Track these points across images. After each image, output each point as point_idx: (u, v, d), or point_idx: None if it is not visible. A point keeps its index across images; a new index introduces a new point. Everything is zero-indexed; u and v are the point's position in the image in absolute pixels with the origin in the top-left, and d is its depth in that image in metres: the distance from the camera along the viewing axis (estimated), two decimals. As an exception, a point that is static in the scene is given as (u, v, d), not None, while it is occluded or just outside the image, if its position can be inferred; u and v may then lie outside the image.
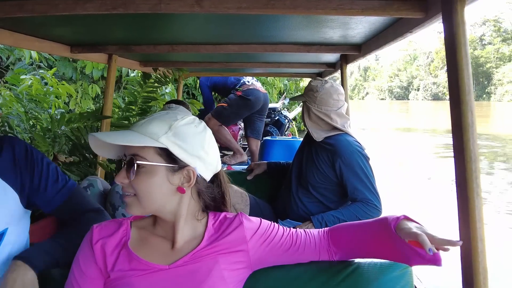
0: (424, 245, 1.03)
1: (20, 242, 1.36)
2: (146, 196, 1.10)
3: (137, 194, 1.09)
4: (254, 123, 5.14)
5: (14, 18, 1.77)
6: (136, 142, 1.07)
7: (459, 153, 1.18)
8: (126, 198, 1.11)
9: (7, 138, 1.39)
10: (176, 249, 1.16)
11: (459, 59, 1.19)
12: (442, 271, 3.81)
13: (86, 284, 1.14)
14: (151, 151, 1.09)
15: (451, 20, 1.22)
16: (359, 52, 2.59)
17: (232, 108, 4.82)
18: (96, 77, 6.48)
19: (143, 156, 1.08)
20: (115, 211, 2.10)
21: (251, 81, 4.93)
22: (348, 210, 2.30)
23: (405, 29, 1.77)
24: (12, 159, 1.35)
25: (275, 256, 1.22)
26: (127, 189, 1.10)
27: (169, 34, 2.36)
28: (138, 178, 1.08)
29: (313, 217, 2.33)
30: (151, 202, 1.11)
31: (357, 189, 2.32)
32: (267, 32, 2.23)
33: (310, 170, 2.50)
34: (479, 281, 1.15)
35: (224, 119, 4.86)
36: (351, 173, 2.34)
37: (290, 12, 1.45)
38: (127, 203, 1.11)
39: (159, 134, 1.09)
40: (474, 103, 1.17)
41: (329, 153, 2.41)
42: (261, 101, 4.94)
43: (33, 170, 1.38)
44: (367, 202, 2.30)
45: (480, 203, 1.16)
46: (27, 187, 1.37)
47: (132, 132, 1.10)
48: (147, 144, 1.08)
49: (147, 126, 1.11)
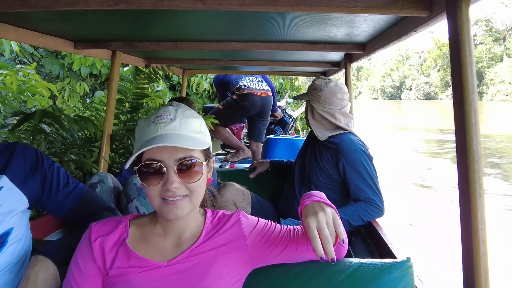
0: (316, 251, 1.05)
1: (24, 238, 1.39)
2: (199, 194, 1.13)
3: (191, 194, 1.10)
4: (255, 126, 5.04)
5: (18, 13, 1.77)
6: (201, 145, 1.10)
7: (462, 153, 1.17)
8: (177, 202, 1.08)
9: (18, 144, 1.43)
10: (174, 246, 1.16)
11: (463, 58, 1.18)
12: (444, 272, 3.82)
13: (85, 282, 1.14)
14: (198, 150, 1.11)
15: (456, 19, 1.20)
16: (363, 51, 2.58)
17: (226, 111, 4.75)
18: (84, 74, 6.36)
19: (196, 156, 1.10)
20: (129, 202, 2.12)
21: (247, 85, 4.73)
22: (351, 209, 2.29)
23: (409, 28, 1.76)
24: (23, 164, 1.39)
25: (273, 253, 1.21)
26: (179, 193, 1.08)
27: (173, 31, 2.36)
28: (193, 178, 1.09)
29: None
30: (200, 198, 1.15)
31: (360, 189, 2.31)
32: (271, 30, 2.22)
33: (313, 170, 2.49)
34: (480, 283, 1.14)
35: (219, 120, 4.80)
36: (355, 172, 2.33)
37: (293, 9, 1.44)
38: (179, 206, 1.09)
39: (204, 133, 1.15)
40: (477, 102, 1.16)
41: (332, 152, 2.41)
42: (257, 106, 4.75)
43: (44, 174, 1.43)
44: (369, 201, 2.29)
45: (482, 204, 1.14)
46: (38, 191, 1.42)
47: (181, 135, 1.09)
48: (206, 146, 1.13)
49: (187, 126, 1.11)
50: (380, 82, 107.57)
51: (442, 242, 4.67)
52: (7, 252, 1.30)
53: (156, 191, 1.08)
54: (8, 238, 1.31)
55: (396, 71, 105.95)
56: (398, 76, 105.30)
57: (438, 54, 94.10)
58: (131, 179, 2.18)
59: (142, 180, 1.09)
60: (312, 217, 1.09)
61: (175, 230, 1.17)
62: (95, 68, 6.52)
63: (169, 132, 1.08)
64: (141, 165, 1.08)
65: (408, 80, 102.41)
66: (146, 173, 1.08)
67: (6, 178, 1.35)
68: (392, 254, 1.80)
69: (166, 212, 1.09)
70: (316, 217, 1.08)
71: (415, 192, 7.35)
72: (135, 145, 1.14)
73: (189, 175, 1.08)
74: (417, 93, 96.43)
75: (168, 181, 1.06)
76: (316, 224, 1.07)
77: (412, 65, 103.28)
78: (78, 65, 6.19)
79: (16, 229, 1.34)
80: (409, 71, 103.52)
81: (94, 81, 8.83)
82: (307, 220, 1.08)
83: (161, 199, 1.09)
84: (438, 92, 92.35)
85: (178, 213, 1.09)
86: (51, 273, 1.23)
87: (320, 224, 1.07)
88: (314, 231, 1.06)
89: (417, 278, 1.36)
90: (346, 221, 2.24)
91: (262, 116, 4.95)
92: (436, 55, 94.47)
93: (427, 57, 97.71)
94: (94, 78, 8.78)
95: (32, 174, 1.40)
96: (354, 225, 2.27)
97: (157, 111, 1.16)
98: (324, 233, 1.06)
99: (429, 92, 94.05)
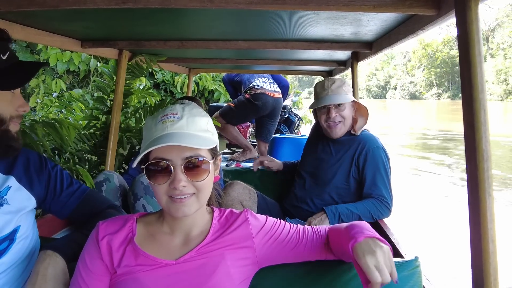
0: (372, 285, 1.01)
1: (31, 235, 1.40)
2: (206, 192, 1.14)
3: (199, 192, 1.11)
4: (264, 127, 5.04)
5: (25, 12, 1.78)
6: (208, 144, 1.11)
7: (471, 152, 1.16)
8: (185, 200, 1.09)
9: (22, 149, 1.45)
10: (182, 244, 1.17)
11: (473, 57, 1.17)
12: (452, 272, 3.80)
13: (92, 281, 1.14)
14: (205, 148, 1.12)
15: (465, 17, 1.19)
16: (370, 50, 2.57)
17: (238, 110, 4.77)
18: (61, 71, 5.86)
19: (203, 155, 1.10)
20: (136, 201, 2.12)
21: (261, 85, 4.76)
22: (362, 204, 2.28)
23: (417, 26, 1.75)
24: (28, 167, 1.42)
25: (281, 253, 1.21)
26: (186, 191, 1.09)
27: (179, 30, 2.36)
28: (200, 176, 1.10)
29: (327, 208, 2.31)
30: (207, 197, 1.15)
31: (375, 185, 2.31)
32: (278, 29, 2.22)
33: (328, 168, 2.48)
34: (490, 282, 1.13)
35: (230, 119, 4.81)
36: (374, 167, 2.33)
37: (300, 8, 1.44)
38: (186, 205, 1.09)
39: (212, 132, 1.15)
40: (487, 101, 1.15)
41: (352, 146, 2.41)
42: (269, 106, 4.77)
43: (48, 175, 1.46)
44: (381, 199, 2.29)
45: (491, 203, 1.13)
46: (43, 192, 1.44)
47: (188, 134, 1.09)
48: (213, 145, 1.13)
49: (194, 125, 1.11)
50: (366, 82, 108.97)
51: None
52: (16, 249, 1.32)
53: (164, 189, 1.09)
54: (16, 236, 1.32)
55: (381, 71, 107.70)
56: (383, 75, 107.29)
57: (422, 54, 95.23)
58: (138, 177, 2.18)
59: (150, 178, 1.09)
60: (370, 256, 1.04)
61: (183, 228, 1.18)
62: (73, 64, 5.88)
63: (176, 131, 1.09)
64: (149, 164, 1.09)
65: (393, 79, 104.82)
66: (154, 172, 1.08)
67: (14, 179, 1.37)
68: (399, 253, 1.79)
69: (173, 211, 1.09)
70: (375, 257, 1.04)
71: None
72: (143, 143, 1.15)
73: (196, 174, 1.09)
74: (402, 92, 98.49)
75: (175, 180, 1.07)
76: (375, 264, 1.03)
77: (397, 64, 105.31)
78: (54, 61, 5.60)
79: (23, 226, 1.36)
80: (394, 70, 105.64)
81: (72, 79, 8.30)
82: (365, 260, 1.03)
83: (168, 197, 1.09)
84: (422, 92, 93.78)
85: (186, 211, 1.09)
86: (60, 268, 1.24)
87: (380, 265, 1.03)
88: (375, 272, 1.01)
89: (425, 278, 1.36)
90: (357, 216, 2.24)
91: (272, 117, 4.96)
92: (420, 55, 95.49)
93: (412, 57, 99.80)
94: (72, 75, 8.19)
95: (37, 176, 1.43)
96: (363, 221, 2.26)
97: (164, 109, 1.16)
98: (385, 275, 1.02)
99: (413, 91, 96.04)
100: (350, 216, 2.23)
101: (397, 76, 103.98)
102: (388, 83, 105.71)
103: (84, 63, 5.84)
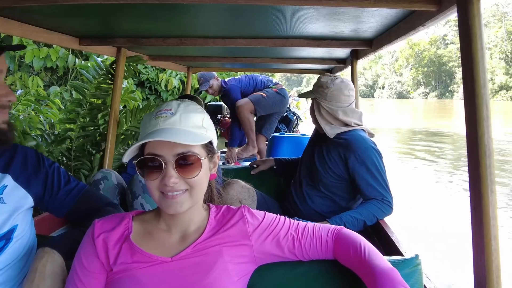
0: None
1: (28, 234, 1.39)
2: (200, 189, 1.12)
3: (192, 189, 1.09)
4: (272, 123, 5.25)
5: (23, 8, 1.77)
6: (199, 140, 1.09)
7: (473, 148, 1.15)
8: (177, 197, 1.08)
9: (19, 146, 1.45)
10: (179, 241, 1.15)
11: (475, 52, 1.16)
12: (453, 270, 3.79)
13: (88, 279, 1.13)
14: (199, 145, 1.10)
15: (467, 12, 1.18)
16: (370, 47, 2.56)
17: (269, 100, 4.87)
18: (37, 68, 5.55)
19: (195, 151, 1.09)
20: (134, 199, 2.12)
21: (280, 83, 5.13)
22: (365, 208, 2.26)
23: (418, 22, 1.73)
24: (25, 164, 1.41)
25: (279, 251, 1.19)
26: (178, 187, 1.08)
27: (178, 27, 2.34)
28: (192, 173, 1.08)
29: (331, 220, 2.25)
30: (201, 193, 1.14)
31: (371, 186, 2.29)
32: (277, 26, 2.21)
33: (322, 168, 2.46)
34: (492, 280, 1.11)
35: (260, 107, 4.87)
36: (365, 169, 2.30)
37: (301, 3, 1.43)
38: (178, 201, 1.08)
39: (207, 128, 1.14)
40: (489, 96, 1.14)
41: (342, 148, 2.38)
42: (287, 102, 5.21)
43: (46, 173, 1.45)
44: (382, 200, 2.27)
45: (494, 200, 1.12)
46: (41, 190, 1.43)
47: (180, 130, 1.08)
48: (205, 141, 1.11)
49: (187, 121, 1.10)
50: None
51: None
52: (13, 248, 1.31)
53: (155, 185, 1.08)
54: (13, 235, 1.31)
55: (369, 70, 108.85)
56: (371, 75, 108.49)
57: (410, 53, 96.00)
58: (136, 176, 2.17)
59: (142, 174, 1.10)
60: None
61: (179, 226, 1.17)
62: (50, 61, 5.54)
63: (168, 126, 1.08)
64: (140, 159, 1.09)
65: (381, 79, 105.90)
66: (146, 167, 1.08)
67: (10, 177, 1.36)
68: (400, 252, 1.78)
69: (165, 207, 1.09)
70: None
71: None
72: (138, 139, 1.15)
73: (188, 170, 1.08)
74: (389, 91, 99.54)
75: (166, 176, 1.06)
76: None
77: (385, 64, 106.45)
78: (30, 57, 5.30)
79: (20, 225, 1.34)
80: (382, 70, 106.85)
81: (50, 76, 8.09)
82: None
83: (160, 193, 1.09)
84: (410, 91, 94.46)
85: (178, 208, 1.08)
86: (58, 265, 1.23)
87: None
88: None
89: (426, 276, 1.34)
90: (363, 221, 2.22)
91: (280, 113, 5.33)
92: (408, 54, 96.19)
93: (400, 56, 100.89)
94: (50, 72, 7.98)
95: (35, 174, 1.42)
96: (368, 225, 2.25)
97: (160, 105, 1.16)
98: None
99: (401, 90, 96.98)
100: (355, 223, 2.20)
101: (384, 75, 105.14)
102: (376, 82, 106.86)
103: (63, 59, 5.55)
